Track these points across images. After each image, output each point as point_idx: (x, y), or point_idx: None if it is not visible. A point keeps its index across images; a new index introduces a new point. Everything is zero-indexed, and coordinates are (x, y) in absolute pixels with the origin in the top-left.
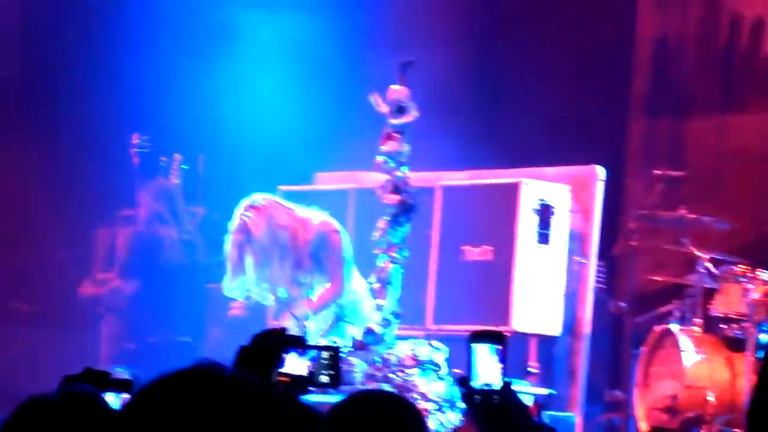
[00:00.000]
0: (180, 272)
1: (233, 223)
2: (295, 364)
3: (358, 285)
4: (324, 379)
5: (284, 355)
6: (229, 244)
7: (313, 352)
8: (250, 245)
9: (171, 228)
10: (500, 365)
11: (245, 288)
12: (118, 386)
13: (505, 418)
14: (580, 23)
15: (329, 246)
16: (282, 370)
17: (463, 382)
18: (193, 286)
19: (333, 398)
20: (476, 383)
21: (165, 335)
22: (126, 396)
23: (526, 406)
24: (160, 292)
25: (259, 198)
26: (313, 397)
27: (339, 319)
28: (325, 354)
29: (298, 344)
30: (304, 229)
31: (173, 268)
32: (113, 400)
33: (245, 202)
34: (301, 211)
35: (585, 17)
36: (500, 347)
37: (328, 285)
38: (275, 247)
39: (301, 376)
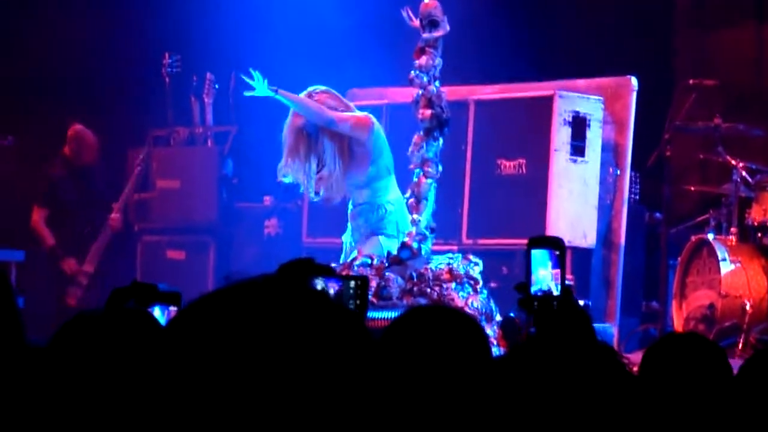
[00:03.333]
0: None
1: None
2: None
3: (396, 198)
4: (350, 308)
5: (310, 284)
6: (287, 128)
7: (339, 281)
8: (306, 130)
9: None
10: (558, 271)
11: (296, 174)
12: (166, 299)
13: (565, 323)
14: None
15: (361, 132)
16: None
17: (522, 288)
18: None
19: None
20: (535, 289)
21: None
22: (174, 309)
23: (587, 312)
24: None
25: (320, 88)
26: None
27: (375, 233)
28: (351, 283)
29: (325, 273)
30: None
31: None
32: (159, 313)
33: (309, 89)
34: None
35: None
36: (558, 253)
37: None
38: (325, 131)
39: None
